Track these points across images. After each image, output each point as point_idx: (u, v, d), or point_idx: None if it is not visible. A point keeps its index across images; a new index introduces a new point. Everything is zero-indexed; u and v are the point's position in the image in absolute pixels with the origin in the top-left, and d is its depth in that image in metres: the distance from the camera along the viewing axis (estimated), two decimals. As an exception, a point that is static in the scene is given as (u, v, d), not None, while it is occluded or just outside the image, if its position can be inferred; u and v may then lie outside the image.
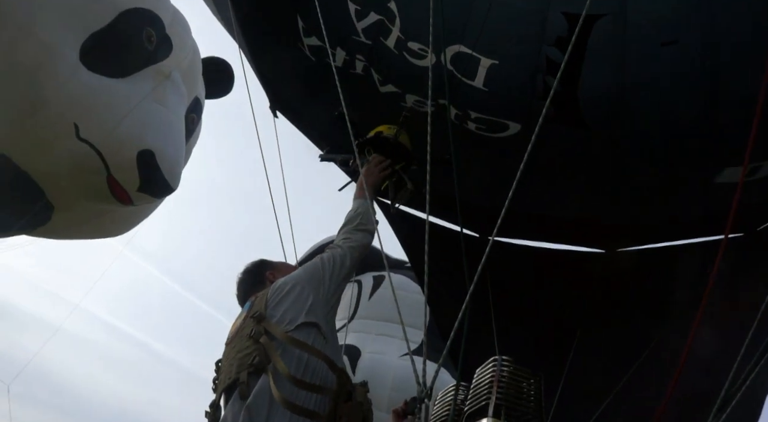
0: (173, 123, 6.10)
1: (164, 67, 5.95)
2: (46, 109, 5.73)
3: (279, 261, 3.22)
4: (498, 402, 2.18)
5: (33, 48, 5.40)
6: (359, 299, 7.78)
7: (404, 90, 3.59)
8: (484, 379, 2.28)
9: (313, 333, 2.42)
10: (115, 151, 5.87)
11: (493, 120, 3.55)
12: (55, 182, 6.11)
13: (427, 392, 2.04)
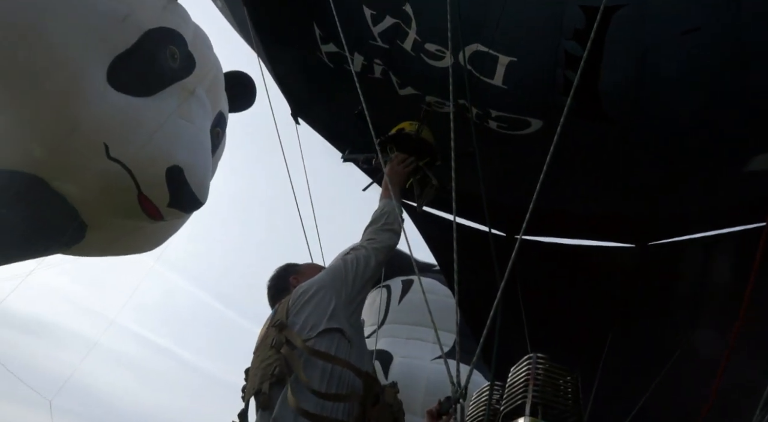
0: (200, 138, 6.15)
1: (188, 83, 6.01)
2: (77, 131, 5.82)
3: (305, 264, 3.12)
4: (534, 400, 2.11)
5: (64, 74, 5.50)
6: (389, 304, 7.73)
7: (424, 92, 3.55)
8: (520, 377, 2.21)
9: (337, 338, 2.33)
10: (144, 168, 5.95)
11: (514, 118, 3.49)
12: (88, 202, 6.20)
13: (462, 392, 1.98)
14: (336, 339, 2.33)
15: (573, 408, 2.17)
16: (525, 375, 2.19)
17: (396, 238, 2.82)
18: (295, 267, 3.01)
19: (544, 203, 2.69)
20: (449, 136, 3.39)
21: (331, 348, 2.28)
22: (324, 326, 2.34)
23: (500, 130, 3.53)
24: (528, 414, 2.09)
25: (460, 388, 1.99)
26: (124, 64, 5.62)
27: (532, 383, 2.14)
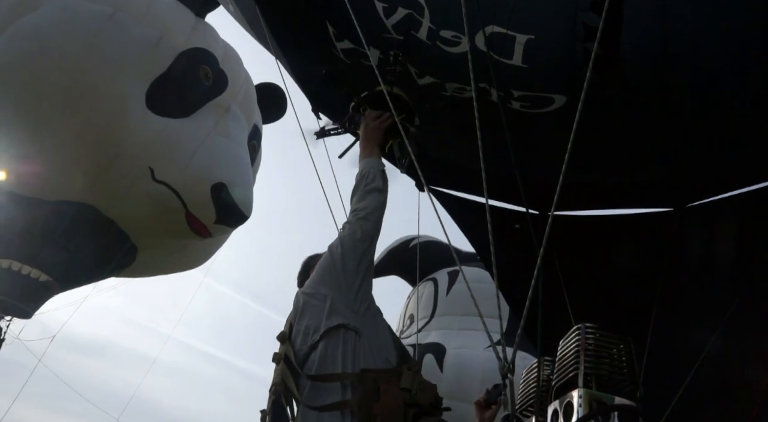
0: (239, 154, 6.17)
1: (223, 100, 6.05)
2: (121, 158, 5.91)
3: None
4: (587, 371, 1.96)
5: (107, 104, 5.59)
6: (437, 296, 7.60)
7: (442, 79, 3.43)
8: (570, 349, 2.06)
9: (341, 334, 2.17)
10: (189, 188, 6.00)
11: (536, 96, 3.34)
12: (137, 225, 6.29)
13: (509, 366, 1.86)
14: (341, 337, 2.17)
15: (628, 376, 2.01)
16: (575, 346, 2.04)
17: (381, 195, 2.56)
18: (317, 258, 2.85)
19: (575, 177, 2.55)
20: (473, 121, 3.28)
21: (337, 349, 2.13)
22: (324, 327, 2.18)
23: (524, 109, 3.39)
24: (581, 385, 1.94)
25: (507, 362, 1.86)
26: (161, 88, 5.69)
27: (583, 353, 1.99)
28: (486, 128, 2.84)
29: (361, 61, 3.41)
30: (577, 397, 1.93)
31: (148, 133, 5.79)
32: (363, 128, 2.78)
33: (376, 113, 2.82)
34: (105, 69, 5.58)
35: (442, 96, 3.41)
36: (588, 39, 3.19)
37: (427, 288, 7.72)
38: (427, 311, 7.51)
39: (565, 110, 3.31)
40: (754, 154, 3.43)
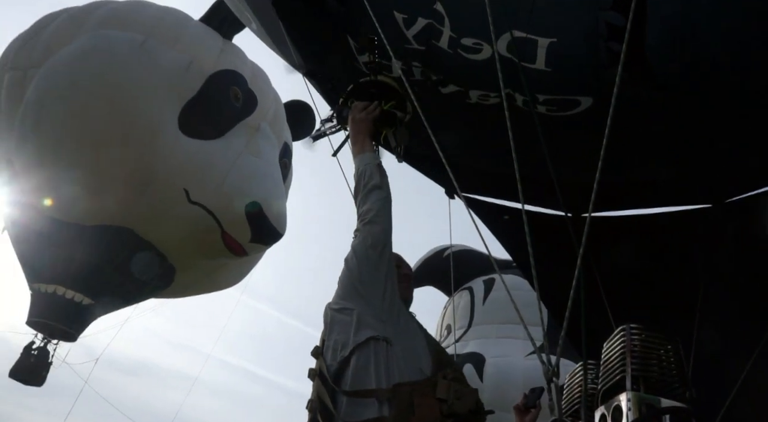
0: (271, 172, 6.21)
1: (253, 120, 6.11)
2: (157, 181, 6.00)
3: None
4: (634, 373, 1.87)
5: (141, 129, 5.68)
6: (473, 306, 7.49)
7: (466, 87, 3.37)
8: (615, 352, 1.98)
9: (371, 347, 2.11)
10: (224, 208, 6.05)
11: (562, 99, 3.27)
12: (175, 246, 6.36)
13: (554, 369, 1.78)
14: (371, 350, 2.10)
15: (678, 377, 1.92)
16: (620, 348, 1.95)
17: (381, 192, 2.44)
18: None
19: (607, 178, 2.48)
20: (498, 128, 3.23)
21: (369, 363, 2.07)
22: (353, 343, 2.12)
23: (550, 113, 3.32)
24: (629, 388, 1.85)
25: (552, 366, 1.79)
26: (193, 111, 5.77)
27: (629, 355, 1.90)
28: (512, 132, 2.79)
29: (384, 73, 3.40)
30: (626, 400, 1.85)
31: (182, 155, 5.87)
32: (350, 122, 2.66)
33: (362, 104, 2.71)
34: (138, 95, 5.68)
35: (466, 104, 3.37)
36: (611, 38, 3.13)
37: (464, 298, 7.61)
38: (465, 321, 7.40)
39: (592, 111, 3.24)
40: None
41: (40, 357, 6.99)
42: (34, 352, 7.03)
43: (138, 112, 5.71)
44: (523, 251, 2.94)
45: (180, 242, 6.26)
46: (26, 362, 6.93)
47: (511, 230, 4.00)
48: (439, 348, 2.29)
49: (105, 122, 5.73)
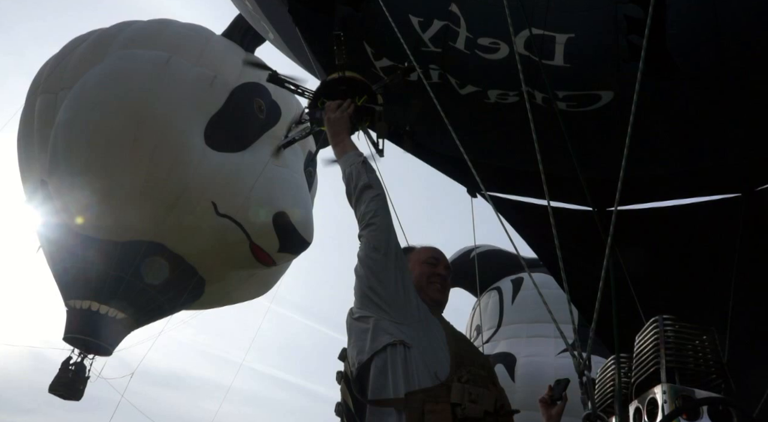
0: (297, 182, 6.26)
1: (277, 131, 6.18)
2: (185, 195, 6.08)
3: (419, 247, 2.77)
4: (669, 365, 1.83)
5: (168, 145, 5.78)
6: (502, 306, 7.41)
7: (485, 87, 3.35)
8: (648, 344, 1.93)
9: (388, 353, 2.08)
10: (252, 219, 6.12)
11: (582, 94, 3.23)
12: (204, 259, 6.43)
13: (585, 362, 1.74)
14: (388, 357, 2.07)
15: (714, 368, 1.87)
16: (653, 340, 1.90)
17: (372, 190, 2.35)
18: (404, 254, 2.69)
19: (632, 171, 2.44)
20: (517, 126, 3.21)
21: (386, 371, 2.03)
22: (370, 351, 2.10)
23: (570, 109, 3.28)
24: (664, 380, 1.81)
25: (583, 359, 1.75)
26: (218, 124, 5.85)
27: (663, 347, 1.86)
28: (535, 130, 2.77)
29: (352, 70, 3.41)
30: (661, 393, 1.80)
31: (209, 169, 5.94)
32: (326, 123, 2.57)
33: (335, 103, 2.60)
34: (165, 111, 5.78)
35: (485, 104, 3.34)
36: (631, 31, 3.09)
37: (492, 298, 7.54)
38: (494, 321, 7.33)
39: (613, 105, 3.20)
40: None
41: (77, 372, 7.10)
42: (72, 367, 7.15)
43: (165, 129, 5.81)
44: (548, 248, 2.90)
45: (209, 255, 6.33)
46: (64, 377, 7.05)
47: (535, 227, 3.96)
48: (461, 347, 2.20)
49: (133, 140, 5.84)
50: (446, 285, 2.43)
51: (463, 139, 2.95)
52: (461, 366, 2.06)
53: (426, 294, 2.32)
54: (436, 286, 2.35)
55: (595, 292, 2.16)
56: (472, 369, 2.05)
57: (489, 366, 2.13)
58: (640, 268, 3.57)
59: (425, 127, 3.54)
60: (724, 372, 1.87)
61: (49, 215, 7.44)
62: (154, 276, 6.29)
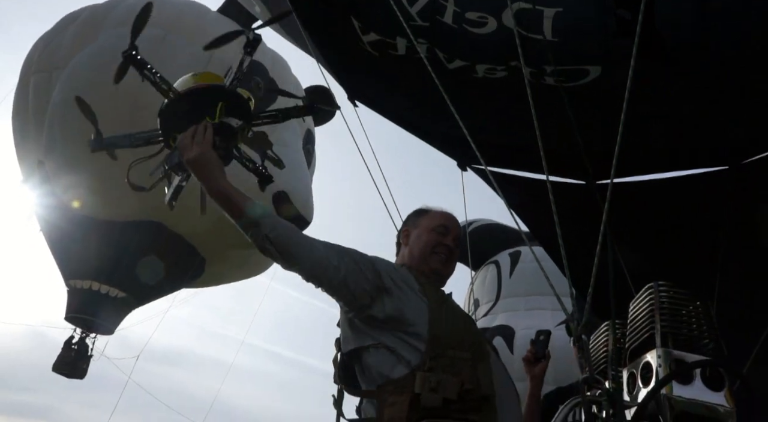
0: (296, 161, 6.28)
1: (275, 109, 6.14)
2: (184, 175, 6.11)
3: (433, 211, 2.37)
4: (664, 330, 1.89)
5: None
6: (500, 279, 7.51)
7: (473, 61, 3.37)
8: (642, 310, 1.99)
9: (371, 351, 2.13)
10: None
11: (570, 69, 3.27)
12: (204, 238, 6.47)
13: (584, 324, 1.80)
14: (371, 352, 2.14)
15: (708, 333, 1.93)
16: (648, 306, 1.97)
17: (292, 234, 1.88)
18: (414, 217, 2.48)
19: (623, 145, 2.50)
20: (505, 101, 3.24)
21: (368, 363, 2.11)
22: (353, 343, 2.12)
23: (558, 84, 3.32)
24: (659, 345, 1.87)
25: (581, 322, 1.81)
26: (216, 104, 5.84)
27: (657, 312, 1.92)
28: (521, 104, 2.81)
29: (389, 52, 3.41)
30: (656, 357, 1.86)
31: (206, 147, 5.95)
32: (189, 165, 1.92)
33: (188, 134, 1.94)
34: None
35: (473, 79, 3.37)
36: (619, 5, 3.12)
37: (490, 272, 7.63)
38: (492, 294, 7.42)
39: (601, 80, 3.24)
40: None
41: (80, 351, 7.21)
42: (74, 346, 7.27)
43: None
44: (539, 221, 2.95)
45: (209, 234, 6.38)
46: (68, 356, 7.16)
47: (525, 200, 4.02)
48: (444, 328, 2.06)
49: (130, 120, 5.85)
50: (452, 257, 2.36)
51: (448, 115, 3.00)
52: (436, 351, 2.01)
53: (427, 264, 2.29)
54: (439, 257, 2.31)
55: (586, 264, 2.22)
56: (450, 352, 2.00)
57: (479, 344, 2.06)
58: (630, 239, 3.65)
59: (415, 104, 3.58)
60: (716, 337, 1.93)
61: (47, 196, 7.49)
62: (154, 255, 6.36)
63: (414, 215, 2.49)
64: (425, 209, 2.50)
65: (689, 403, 1.80)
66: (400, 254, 2.42)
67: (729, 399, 1.81)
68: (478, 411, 1.87)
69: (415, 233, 2.40)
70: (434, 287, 2.23)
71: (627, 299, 2.34)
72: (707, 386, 1.82)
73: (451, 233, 2.39)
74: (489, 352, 2.05)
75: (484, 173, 4.13)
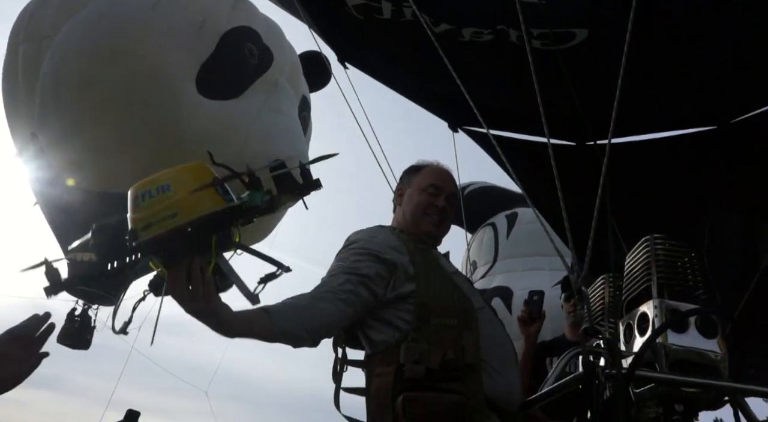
0: (292, 127, 6.28)
1: (270, 76, 6.14)
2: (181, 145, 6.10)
3: (426, 167, 2.44)
4: (660, 281, 1.97)
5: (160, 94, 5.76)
6: (497, 241, 7.60)
7: (459, 25, 3.39)
8: (639, 262, 2.07)
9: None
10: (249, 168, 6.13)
11: (557, 32, 3.29)
12: (204, 207, 6.48)
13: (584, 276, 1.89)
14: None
15: (703, 284, 2.02)
16: (645, 258, 2.05)
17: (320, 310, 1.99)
18: (407, 175, 2.44)
19: (610, 108, 2.55)
20: (493, 64, 3.27)
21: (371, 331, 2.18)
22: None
23: (544, 47, 3.35)
24: (656, 295, 1.96)
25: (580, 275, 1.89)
26: (210, 71, 5.82)
27: (654, 264, 2.00)
28: (508, 68, 2.82)
29: (375, 16, 3.42)
30: (653, 308, 1.95)
31: (203, 118, 5.95)
32: (193, 315, 1.69)
33: (178, 284, 1.62)
34: (155, 60, 5.74)
35: (459, 42, 3.39)
36: None
37: (487, 233, 7.72)
38: (490, 256, 7.52)
39: (588, 43, 3.27)
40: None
41: (83, 323, 7.31)
42: (77, 318, 7.36)
43: (156, 77, 5.78)
44: (531, 181, 3.02)
45: (209, 204, 6.40)
46: (71, 327, 7.25)
47: (516, 160, 4.10)
48: (434, 293, 2.09)
49: (124, 89, 5.82)
50: (445, 218, 2.38)
51: (438, 77, 3.02)
52: (422, 320, 2.02)
53: (418, 227, 2.32)
54: (431, 218, 2.32)
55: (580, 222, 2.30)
56: (436, 320, 2.00)
57: (467, 311, 2.07)
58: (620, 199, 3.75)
59: (403, 66, 3.61)
60: (710, 288, 2.02)
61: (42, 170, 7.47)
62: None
63: (407, 172, 2.48)
64: (418, 165, 2.48)
65: (684, 351, 1.89)
66: (396, 214, 2.44)
67: (722, 345, 1.90)
68: (460, 381, 1.91)
69: (408, 192, 2.40)
70: (424, 251, 2.22)
71: (618, 256, 2.42)
72: (701, 334, 1.91)
73: (444, 192, 2.36)
74: (477, 317, 2.07)
75: (475, 134, 4.20)
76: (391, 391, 1.90)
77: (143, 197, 1.58)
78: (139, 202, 1.58)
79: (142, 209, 1.56)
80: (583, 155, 3.49)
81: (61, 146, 6.67)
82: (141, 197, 1.58)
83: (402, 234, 2.28)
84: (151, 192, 1.57)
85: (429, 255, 2.25)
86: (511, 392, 2.06)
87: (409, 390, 1.88)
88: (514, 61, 2.86)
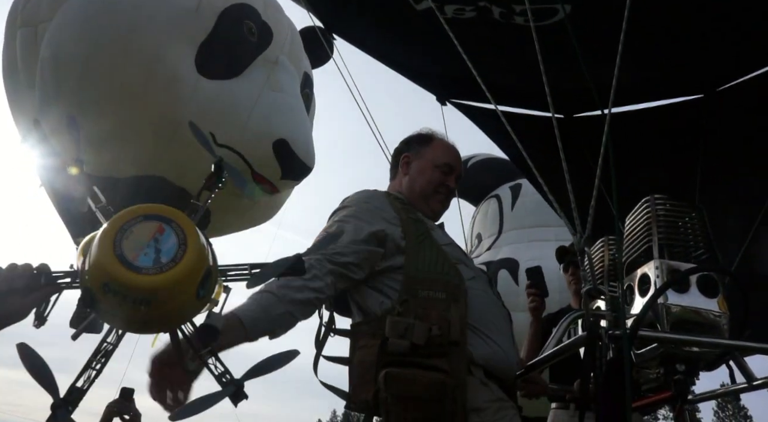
0: (294, 106, 6.25)
1: (270, 54, 6.09)
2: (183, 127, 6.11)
3: (437, 139, 2.49)
4: (661, 242, 1.99)
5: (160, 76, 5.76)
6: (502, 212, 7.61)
7: (441, 2, 3.39)
8: (640, 222, 2.09)
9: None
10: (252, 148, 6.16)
11: (539, 8, 3.30)
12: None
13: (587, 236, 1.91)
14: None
15: (704, 243, 2.04)
16: (645, 218, 2.06)
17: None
18: (417, 144, 2.46)
19: (599, 79, 2.57)
20: (476, 41, 3.28)
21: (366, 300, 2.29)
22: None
23: (527, 23, 3.35)
24: (657, 256, 1.98)
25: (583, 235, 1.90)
26: (209, 51, 5.80)
27: (655, 224, 2.01)
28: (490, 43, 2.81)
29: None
30: (654, 268, 1.97)
31: (204, 98, 5.95)
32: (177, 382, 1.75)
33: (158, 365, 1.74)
34: (152, 41, 5.72)
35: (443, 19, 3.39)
36: None
37: (491, 205, 7.74)
38: (495, 228, 7.55)
39: (571, 18, 3.27)
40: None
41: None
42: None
43: (154, 58, 5.77)
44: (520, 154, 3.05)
45: (212, 186, 6.42)
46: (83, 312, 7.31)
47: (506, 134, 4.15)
48: (422, 266, 2.08)
49: (123, 72, 5.81)
50: (451, 196, 2.46)
51: (422, 53, 3.01)
52: (410, 292, 2.04)
53: (427, 204, 2.35)
54: (440, 197, 2.38)
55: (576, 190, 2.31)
56: (424, 293, 2.01)
57: (456, 284, 2.07)
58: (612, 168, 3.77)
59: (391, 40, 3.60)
60: (711, 247, 2.03)
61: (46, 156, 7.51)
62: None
63: (417, 141, 2.47)
64: (429, 135, 2.49)
65: (685, 310, 1.91)
66: (397, 180, 2.43)
67: (722, 304, 1.92)
68: (444, 357, 1.89)
69: (417, 164, 2.41)
70: (416, 222, 2.25)
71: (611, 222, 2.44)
72: (702, 293, 1.93)
73: (454, 173, 2.43)
74: (466, 290, 2.05)
75: (464, 107, 4.22)
76: (375, 364, 1.93)
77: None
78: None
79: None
80: (572, 128, 3.52)
81: (64, 132, 6.69)
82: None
83: (396, 202, 2.29)
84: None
85: (421, 227, 2.27)
86: (507, 358, 2.09)
87: (392, 366, 1.90)
88: (498, 38, 2.87)
